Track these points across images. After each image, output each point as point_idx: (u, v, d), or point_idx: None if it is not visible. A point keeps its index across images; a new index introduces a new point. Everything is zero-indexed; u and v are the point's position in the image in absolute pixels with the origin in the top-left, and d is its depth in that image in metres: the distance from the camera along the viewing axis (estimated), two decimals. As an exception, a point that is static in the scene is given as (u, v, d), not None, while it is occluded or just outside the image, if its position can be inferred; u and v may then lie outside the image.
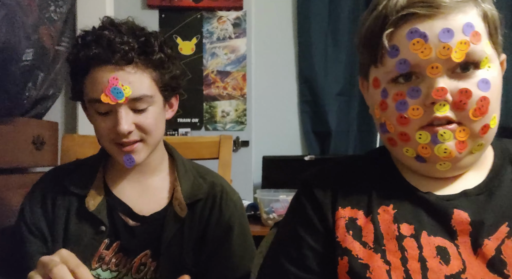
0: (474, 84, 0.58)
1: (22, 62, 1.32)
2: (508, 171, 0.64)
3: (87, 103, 0.89)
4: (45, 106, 1.68)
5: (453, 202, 0.61)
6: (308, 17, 2.18)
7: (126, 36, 0.84)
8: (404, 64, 0.59)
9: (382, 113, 0.63)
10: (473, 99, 0.57)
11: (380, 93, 0.63)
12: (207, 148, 1.30)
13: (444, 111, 0.58)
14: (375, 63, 0.63)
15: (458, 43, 0.56)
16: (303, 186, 0.71)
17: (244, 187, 2.08)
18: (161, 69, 0.88)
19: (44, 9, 1.49)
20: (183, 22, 2.13)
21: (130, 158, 0.87)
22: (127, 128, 0.83)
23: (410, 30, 0.58)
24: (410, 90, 0.59)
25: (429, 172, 0.64)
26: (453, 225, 0.59)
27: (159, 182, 0.97)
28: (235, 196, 0.99)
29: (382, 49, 0.60)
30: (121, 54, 0.82)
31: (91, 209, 0.90)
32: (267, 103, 2.21)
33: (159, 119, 0.91)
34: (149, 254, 0.91)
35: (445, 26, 0.56)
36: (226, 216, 0.93)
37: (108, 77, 0.82)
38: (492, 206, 0.60)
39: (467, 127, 0.59)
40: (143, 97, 0.85)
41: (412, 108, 0.59)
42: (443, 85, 0.57)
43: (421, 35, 0.57)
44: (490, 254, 0.56)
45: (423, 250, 0.58)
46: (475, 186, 0.62)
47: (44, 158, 1.55)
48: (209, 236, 0.92)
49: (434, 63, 0.57)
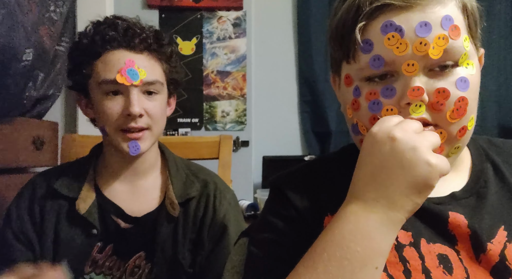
0: (452, 83, 0.53)
1: (22, 62, 1.32)
2: (489, 169, 0.62)
3: (94, 85, 0.87)
4: (45, 106, 1.68)
5: (446, 205, 0.58)
6: (308, 17, 2.18)
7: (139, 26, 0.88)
8: (378, 61, 0.54)
9: (354, 113, 0.58)
10: (451, 100, 0.53)
11: (352, 91, 0.58)
12: (207, 148, 1.30)
13: (420, 113, 0.53)
14: (347, 59, 0.58)
15: (435, 38, 0.52)
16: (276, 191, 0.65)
17: (244, 187, 2.08)
18: (169, 62, 0.92)
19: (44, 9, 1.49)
20: (183, 22, 2.13)
21: (136, 145, 0.86)
22: (138, 110, 0.84)
23: (385, 23, 0.53)
24: (384, 89, 0.54)
25: None
26: (450, 230, 0.56)
27: (151, 182, 0.95)
28: (229, 194, 0.98)
29: (354, 44, 0.55)
30: (139, 40, 0.85)
31: (82, 212, 0.88)
32: (267, 103, 2.21)
33: (164, 110, 0.93)
34: (143, 256, 0.89)
35: (423, 19, 0.52)
36: (221, 215, 0.92)
37: (124, 59, 0.84)
38: (485, 209, 0.58)
39: (443, 130, 0.54)
40: (156, 82, 0.87)
41: (386, 109, 0.54)
42: (419, 85, 0.52)
43: (397, 29, 0.52)
44: (494, 260, 0.54)
45: (425, 260, 0.54)
46: (461, 188, 0.60)
47: (44, 158, 1.55)
48: (204, 236, 0.91)
49: (410, 60, 0.52)
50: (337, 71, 0.63)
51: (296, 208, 0.61)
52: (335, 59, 0.62)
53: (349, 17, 0.55)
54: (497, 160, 0.64)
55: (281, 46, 2.24)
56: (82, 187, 0.91)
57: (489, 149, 0.65)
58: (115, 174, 0.94)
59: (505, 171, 0.62)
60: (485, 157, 0.64)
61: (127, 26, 0.86)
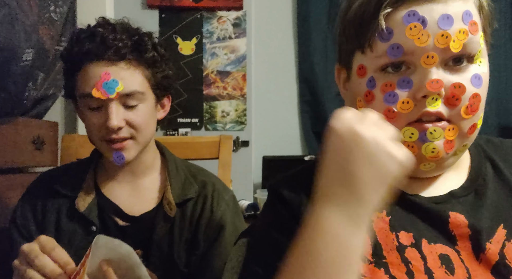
0: (467, 79, 0.53)
1: (22, 62, 1.32)
2: (488, 167, 0.62)
3: (78, 99, 0.89)
4: (45, 106, 1.68)
5: (445, 205, 0.58)
6: (308, 17, 2.18)
7: (120, 33, 0.86)
8: (397, 49, 0.53)
9: (367, 105, 0.57)
10: (466, 96, 0.53)
11: (366, 82, 0.57)
12: (207, 148, 1.30)
13: (436, 106, 0.53)
14: (363, 48, 0.56)
15: (457, 31, 0.52)
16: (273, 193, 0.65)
17: (244, 187, 2.08)
18: (153, 67, 0.90)
19: (44, 9, 1.49)
20: (183, 22, 2.13)
21: (119, 155, 0.86)
22: (117, 124, 0.84)
23: (408, 12, 0.52)
24: (400, 81, 0.54)
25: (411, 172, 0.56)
26: (451, 230, 0.56)
27: (150, 183, 0.96)
28: (228, 195, 0.98)
29: (373, 32, 0.54)
30: (114, 50, 0.84)
31: (81, 209, 0.90)
32: (267, 103, 2.21)
33: (150, 117, 0.91)
34: (140, 254, 0.90)
35: (445, 11, 0.51)
36: (218, 216, 0.93)
37: (100, 72, 0.83)
38: (484, 207, 0.57)
39: (456, 126, 0.54)
40: (134, 93, 0.86)
41: (402, 102, 0.54)
42: (437, 77, 0.52)
43: (420, 20, 0.52)
44: (494, 259, 0.53)
45: (427, 261, 0.54)
46: (460, 186, 0.60)
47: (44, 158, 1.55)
48: (200, 237, 0.91)
49: (430, 52, 0.52)
50: (347, 64, 0.62)
51: (294, 212, 0.60)
52: (345, 50, 0.61)
53: (371, 5, 0.54)
54: (496, 158, 0.63)
55: (281, 46, 2.24)
56: (82, 186, 0.93)
57: (488, 148, 0.65)
58: (114, 174, 0.95)
59: (504, 169, 0.62)
60: (483, 155, 0.64)
61: (104, 35, 0.84)
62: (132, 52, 0.86)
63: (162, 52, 0.92)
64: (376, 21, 0.53)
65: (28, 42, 1.34)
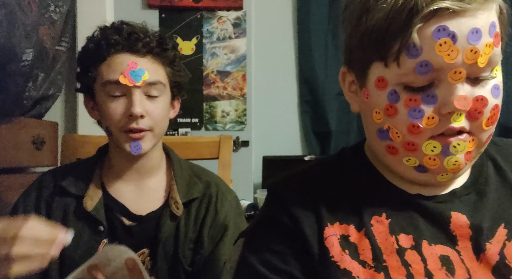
0: (488, 91, 0.52)
1: (22, 62, 1.32)
2: (490, 166, 0.62)
3: (99, 88, 0.90)
4: (45, 106, 1.68)
5: (447, 204, 0.58)
6: (308, 17, 2.18)
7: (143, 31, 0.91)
8: (425, 67, 0.50)
9: (388, 119, 0.55)
10: (488, 108, 0.52)
11: (387, 95, 0.54)
12: (207, 148, 1.30)
13: (460, 121, 0.52)
14: (386, 62, 0.53)
15: (484, 46, 0.50)
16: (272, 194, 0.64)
17: (244, 187, 2.08)
18: (172, 66, 0.94)
19: (44, 9, 1.49)
20: (183, 22, 2.13)
21: (137, 145, 0.88)
22: (140, 111, 0.86)
23: (438, 27, 0.49)
24: (425, 96, 0.52)
25: (427, 181, 0.58)
26: (452, 230, 0.56)
27: (156, 183, 0.97)
28: (231, 196, 0.99)
29: (402, 47, 0.51)
30: (142, 44, 0.88)
31: (89, 209, 0.90)
32: (267, 103, 2.21)
33: (166, 112, 0.95)
34: (146, 253, 0.91)
35: (474, 25, 0.49)
36: (222, 216, 0.94)
37: (127, 61, 0.87)
38: (485, 207, 0.57)
39: (475, 137, 0.54)
40: (158, 83, 0.90)
41: (427, 117, 0.52)
42: (464, 94, 0.50)
43: (450, 35, 0.49)
44: (494, 259, 0.53)
45: (427, 263, 0.54)
46: (462, 185, 0.60)
47: (44, 158, 1.55)
48: (205, 236, 0.92)
49: (458, 68, 0.50)
50: (360, 72, 0.59)
51: (292, 217, 0.60)
52: (361, 59, 0.58)
53: (399, 16, 0.51)
54: (498, 158, 0.63)
55: (281, 46, 2.23)
56: (89, 185, 0.93)
57: (490, 147, 0.65)
58: (120, 173, 0.96)
59: (505, 169, 0.62)
60: (485, 155, 0.63)
61: (131, 31, 0.89)
62: (157, 48, 0.91)
63: (179, 54, 0.98)
64: (407, 35, 0.50)
65: (28, 42, 1.34)
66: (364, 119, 0.62)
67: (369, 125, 0.60)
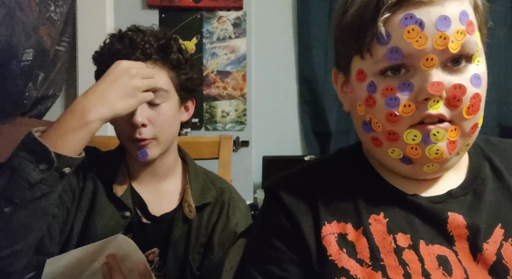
0: (467, 79, 0.54)
1: (22, 62, 1.32)
2: (486, 167, 0.62)
3: None
4: (45, 106, 1.68)
5: (444, 204, 0.58)
6: (308, 17, 2.18)
7: (148, 36, 0.91)
8: (396, 53, 0.53)
9: (368, 110, 0.57)
10: (467, 96, 0.53)
11: (366, 87, 0.57)
12: (207, 148, 1.30)
13: (438, 108, 0.53)
14: (362, 53, 0.56)
15: (454, 32, 0.52)
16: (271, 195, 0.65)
17: (244, 187, 2.08)
18: (178, 69, 0.93)
19: (44, 9, 1.49)
20: (183, 22, 2.13)
21: (143, 151, 0.89)
22: (141, 120, 0.87)
23: (405, 15, 0.52)
24: (401, 85, 0.54)
25: (415, 174, 0.59)
26: (449, 230, 0.56)
27: (170, 186, 0.99)
28: (242, 204, 1.01)
29: (372, 37, 0.54)
30: (140, 50, 0.88)
31: (119, 194, 0.92)
32: (267, 103, 2.21)
33: (173, 118, 0.95)
34: (156, 253, 0.93)
35: (442, 13, 0.52)
36: (233, 223, 0.95)
37: None
38: (482, 207, 0.57)
39: (458, 127, 0.55)
40: (159, 90, 0.89)
41: (403, 105, 0.54)
42: (438, 79, 0.52)
43: (417, 22, 0.52)
44: (491, 259, 0.53)
45: (424, 263, 0.54)
46: (458, 185, 0.60)
47: (44, 158, 1.55)
48: (215, 241, 0.94)
49: (429, 55, 0.52)
50: (345, 68, 0.62)
51: (290, 216, 0.61)
52: (344, 55, 0.61)
53: (369, 10, 0.54)
54: (494, 158, 0.64)
55: (281, 46, 2.24)
56: (118, 173, 0.95)
57: (486, 147, 0.65)
58: (135, 176, 0.98)
59: (502, 169, 0.62)
60: (482, 155, 0.64)
61: (133, 38, 0.90)
62: (157, 53, 0.90)
63: (187, 56, 0.97)
64: (375, 26, 0.53)
65: (28, 42, 1.34)
66: (353, 116, 0.63)
67: (356, 120, 0.62)
